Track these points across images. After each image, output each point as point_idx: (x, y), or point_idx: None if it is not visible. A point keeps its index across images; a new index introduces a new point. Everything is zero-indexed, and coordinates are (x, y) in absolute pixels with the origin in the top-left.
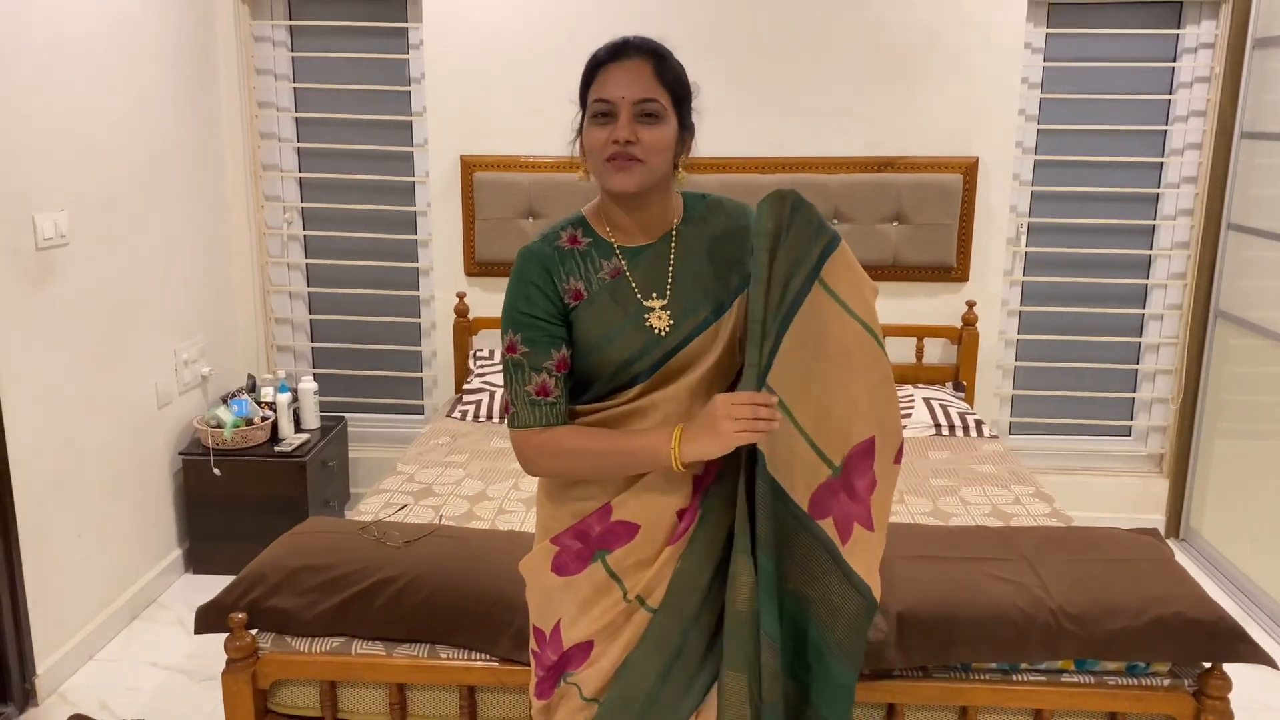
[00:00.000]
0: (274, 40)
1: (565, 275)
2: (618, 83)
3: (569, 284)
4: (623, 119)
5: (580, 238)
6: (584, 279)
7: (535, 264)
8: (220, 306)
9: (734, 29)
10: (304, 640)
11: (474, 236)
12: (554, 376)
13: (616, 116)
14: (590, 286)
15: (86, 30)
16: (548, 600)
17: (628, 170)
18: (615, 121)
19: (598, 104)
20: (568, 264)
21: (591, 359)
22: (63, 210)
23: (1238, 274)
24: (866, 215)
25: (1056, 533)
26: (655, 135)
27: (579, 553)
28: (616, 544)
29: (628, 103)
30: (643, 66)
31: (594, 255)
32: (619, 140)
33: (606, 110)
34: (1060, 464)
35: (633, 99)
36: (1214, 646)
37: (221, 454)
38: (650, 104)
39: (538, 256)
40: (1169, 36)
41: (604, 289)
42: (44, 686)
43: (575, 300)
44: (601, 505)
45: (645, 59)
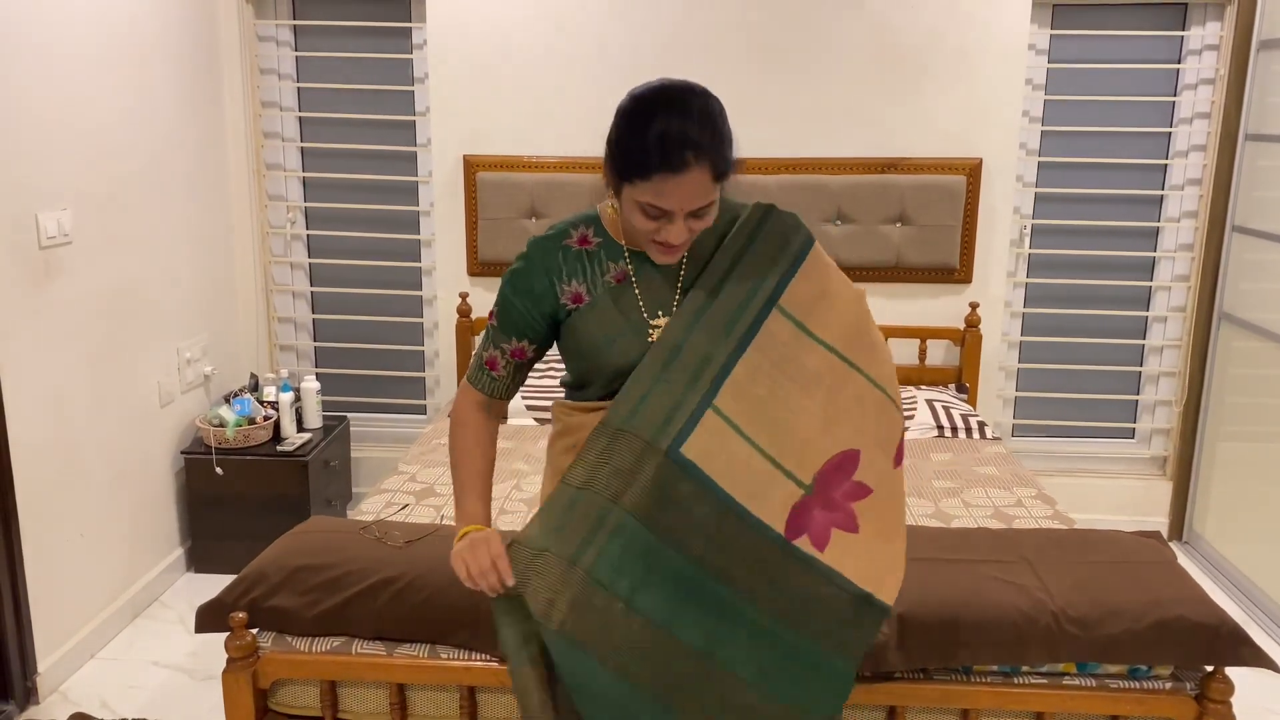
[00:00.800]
0: (278, 39)
1: (567, 278)
2: (677, 198)
3: (570, 287)
4: (678, 224)
5: (591, 237)
6: (587, 281)
7: (538, 268)
8: (223, 305)
9: (738, 30)
10: (304, 640)
11: (477, 236)
12: (505, 358)
13: (669, 217)
14: (594, 289)
15: (90, 29)
16: None
17: (673, 254)
18: (667, 220)
19: (650, 207)
20: (570, 265)
21: (590, 361)
22: (66, 208)
23: (1241, 276)
24: (870, 216)
25: (1059, 535)
26: (707, 221)
27: None
28: None
29: (685, 211)
30: (703, 176)
31: (601, 257)
32: (674, 245)
33: (659, 214)
34: (1063, 466)
35: (691, 209)
36: (1216, 650)
37: (224, 453)
38: (708, 207)
39: (542, 258)
40: (1173, 38)
41: (607, 293)
42: (45, 685)
43: (575, 303)
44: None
45: (704, 166)
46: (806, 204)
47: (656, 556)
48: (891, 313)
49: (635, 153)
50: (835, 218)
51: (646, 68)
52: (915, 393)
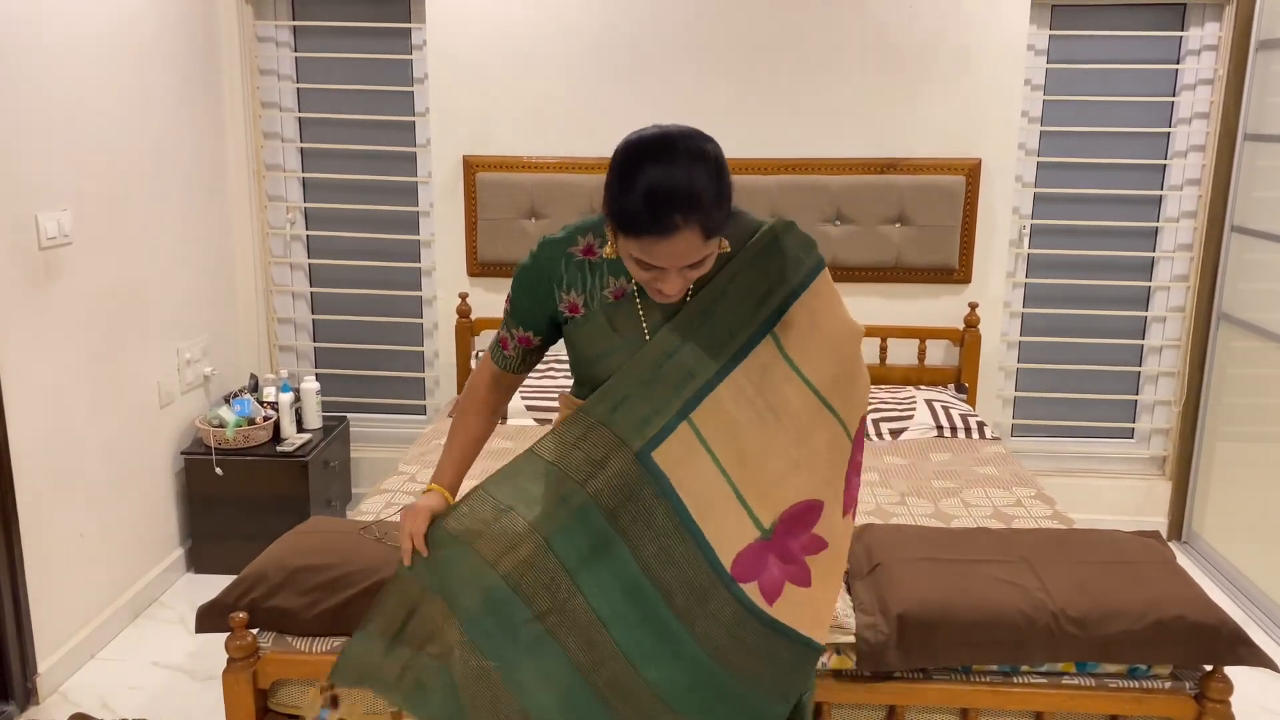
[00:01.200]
0: (277, 40)
1: (567, 287)
2: (667, 257)
3: (568, 296)
4: (673, 279)
5: (597, 248)
6: (585, 294)
7: (542, 272)
8: (223, 306)
9: (738, 31)
10: (305, 640)
11: (476, 237)
12: (514, 342)
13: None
14: (590, 303)
15: (90, 30)
16: None
17: (672, 298)
18: (660, 271)
19: (642, 261)
20: (571, 274)
21: (583, 369)
22: (66, 209)
23: (1240, 276)
24: (869, 217)
25: (1058, 535)
26: (704, 270)
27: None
28: None
29: (676, 268)
30: (693, 237)
31: (603, 270)
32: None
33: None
34: (1062, 466)
35: (684, 265)
36: (1215, 649)
37: (223, 453)
38: (701, 262)
39: (549, 264)
40: (1172, 38)
41: (602, 310)
42: (45, 685)
43: (571, 313)
44: None
45: (694, 228)
46: (806, 204)
47: (610, 550)
48: (891, 313)
49: (624, 211)
50: (835, 218)
51: (646, 68)
52: (914, 393)
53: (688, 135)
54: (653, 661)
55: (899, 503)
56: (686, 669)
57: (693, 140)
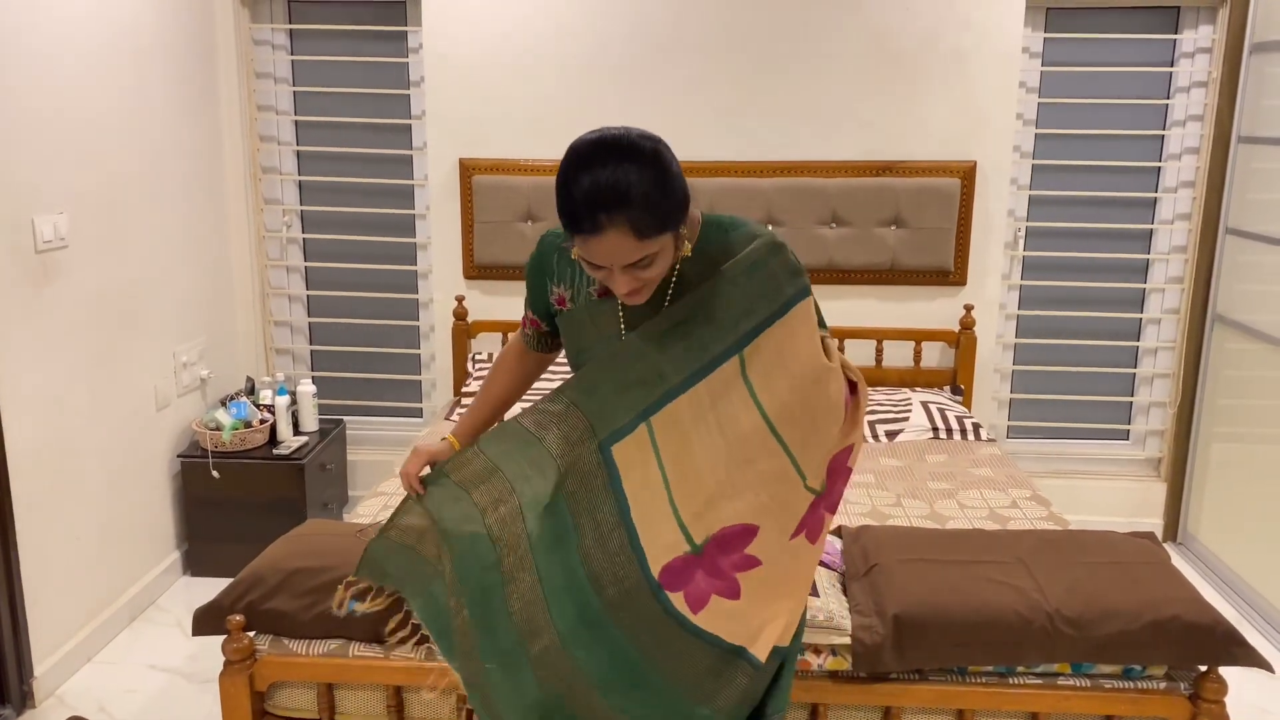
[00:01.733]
0: (274, 44)
1: (558, 280)
2: (603, 254)
3: (558, 289)
4: (619, 277)
5: None
6: (571, 289)
7: (540, 265)
8: (219, 309)
9: (733, 34)
10: (301, 642)
11: (473, 240)
12: (529, 323)
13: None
14: (575, 299)
15: (86, 33)
16: None
17: (635, 298)
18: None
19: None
20: (562, 269)
21: (574, 360)
22: (62, 212)
23: (1235, 278)
24: (865, 219)
25: (1053, 536)
26: (655, 271)
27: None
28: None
29: (619, 266)
30: (622, 236)
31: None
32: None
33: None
34: (1057, 467)
35: (622, 264)
36: (1210, 650)
37: (220, 456)
38: (642, 260)
39: (545, 256)
40: (1166, 41)
41: (586, 307)
42: (42, 689)
43: (559, 306)
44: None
45: (623, 227)
46: (802, 207)
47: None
48: (887, 315)
49: (562, 212)
50: (831, 221)
51: (642, 71)
52: (910, 395)
53: (623, 136)
54: (580, 643)
55: (895, 504)
56: (609, 655)
57: (628, 140)
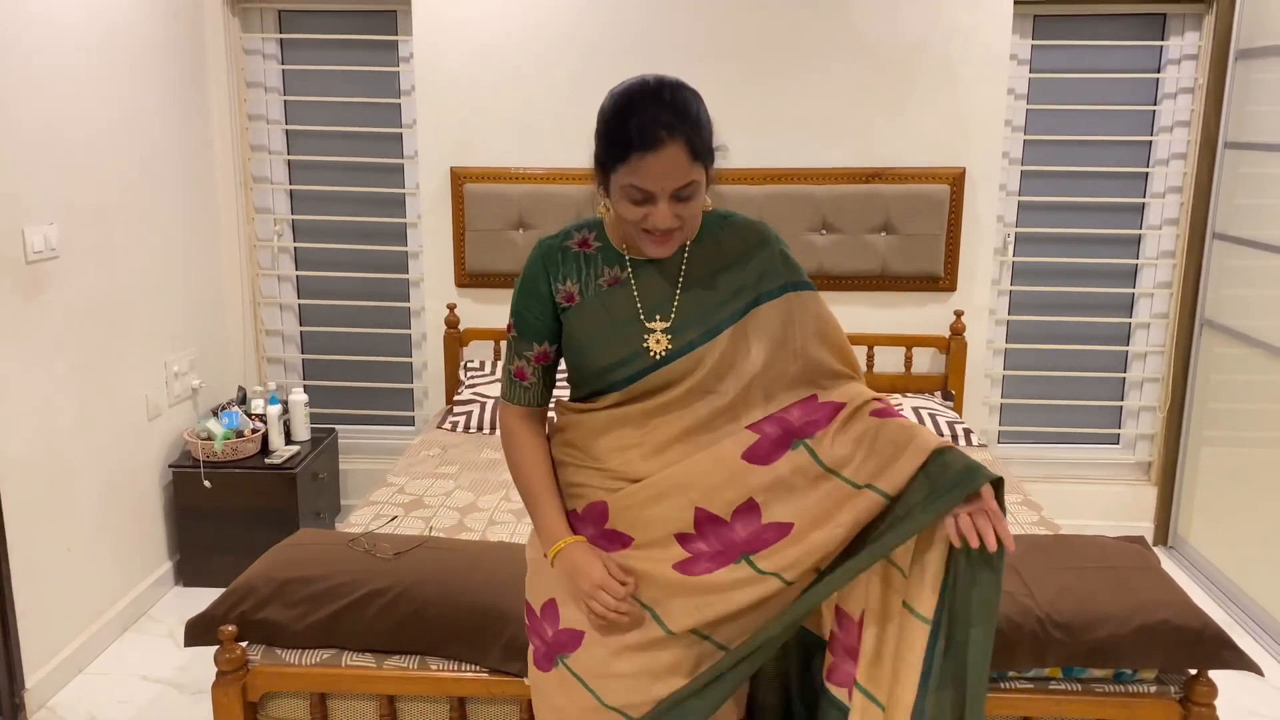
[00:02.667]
0: (264, 53)
1: (563, 277)
2: (655, 175)
3: (564, 286)
4: (662, 207)
5: (592, 241)
6: (580, 282)
7: (538, 265)
8: (211, 319)
9: (723, 41)
10: (294, 652)
11: (464, 248)
12: (531, 365)
13: (654, 200)
14: (584, 291)
15: (76, 42)
16: (539, 575)
17: (667, 244)
18: (652, 204)
19: (633, 189)
20: (567, 265)
21: (578, 359)
22: (53, 223)
23: (1223, 283)
24: (855, 226)
25: (1044, 541)
26: (693, 208)
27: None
28: (609, 548)
29: (667, 192)
30: (678, 153)
31: (599, 261)
32: (661, 229)
33: (644, 197)
34: (1048, 472)
35: (672, 188)
36: (1200, 653)
37: (212, 466)
38: (688, 186)
39: (543, 258)
40: (1153, 48)
41: (597, 295)
42: (33, 700)
43: (567, 303)
44: (597, 501)
45: (679, 144)
46: (792, 214)
47: None
48: (877, 321)
49: (614, 137)
50: (821, 227)
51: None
52: (901, 400)
53: (664, 77)
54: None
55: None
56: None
57: (670, 79)
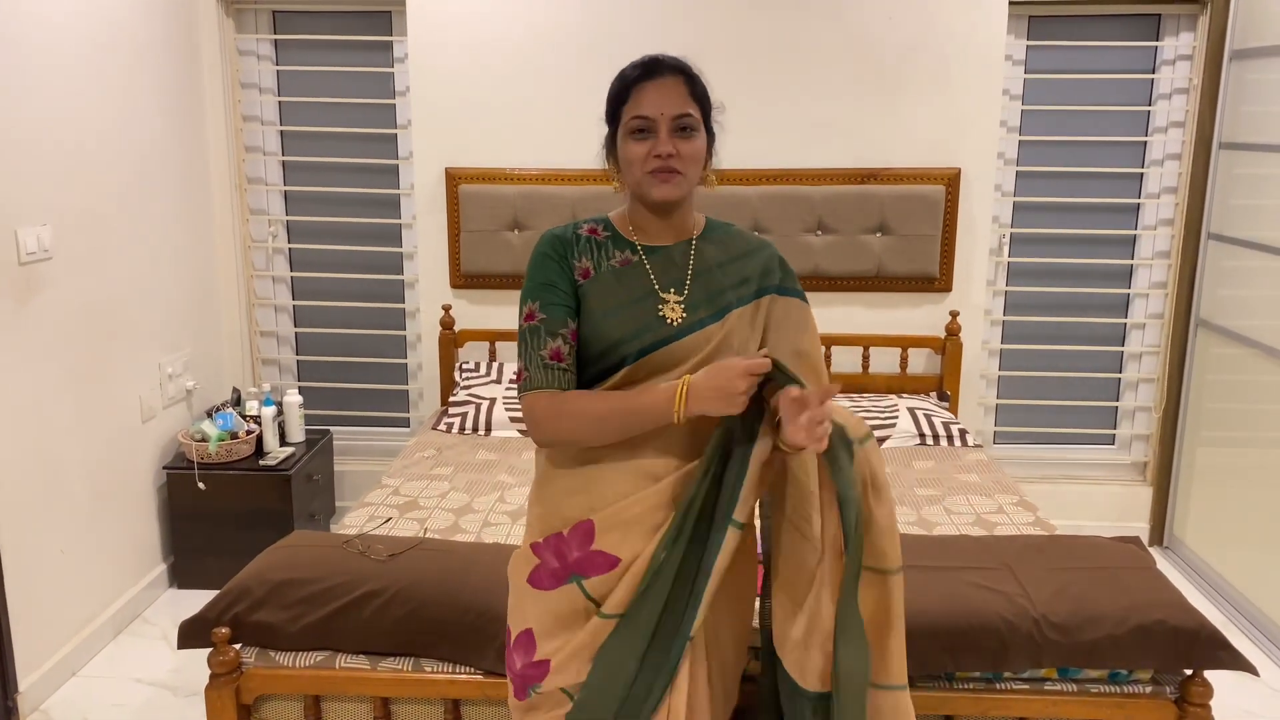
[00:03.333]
0: (259, 54)
1: (579, 255)
2: (655, 100)
3: (580, 263)
4: (663, 134)
5: (600, 231)
6: (594, 261)
7: (554, 242)
8: (205, 320)
9: (719, 43)
10: (288, 654)
11: (459, 249)
12: (567, 344)
13: (655, 132)
14: (599, 268)
15: (70, 44)
16: (521, 605)
17: (671, 182)
18: (654, 137)
19: (636, 120)
20: (582, 246)
21: (593, 331)
22: (46, 224)
23: (1218, 283)
24: (850, 226)
25: (1040, 541)
26: (692, 146)
27: (555, 572)
28: (594, 572)
29: (666, 118)
30: (676, 83)
31: (609, 246)
32: (661, 154)
33: (645, 126)
34: (1044, 472)
35: (671, 115)
36: (1196, 653)
37: (206, 468)
38: (686, 118)
39: (556, 238)
40: (1148, 48)
41: (610, 271)
42: (26, 703)
43: (583, 278)
44: (584, 520)
45: (678, 76)
46: (788, 215)
47: None
48: (873, 322)
49: (617, 83)
50: (816, 228)
51: None
52: (897, 401)
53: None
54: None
55: None
56: None
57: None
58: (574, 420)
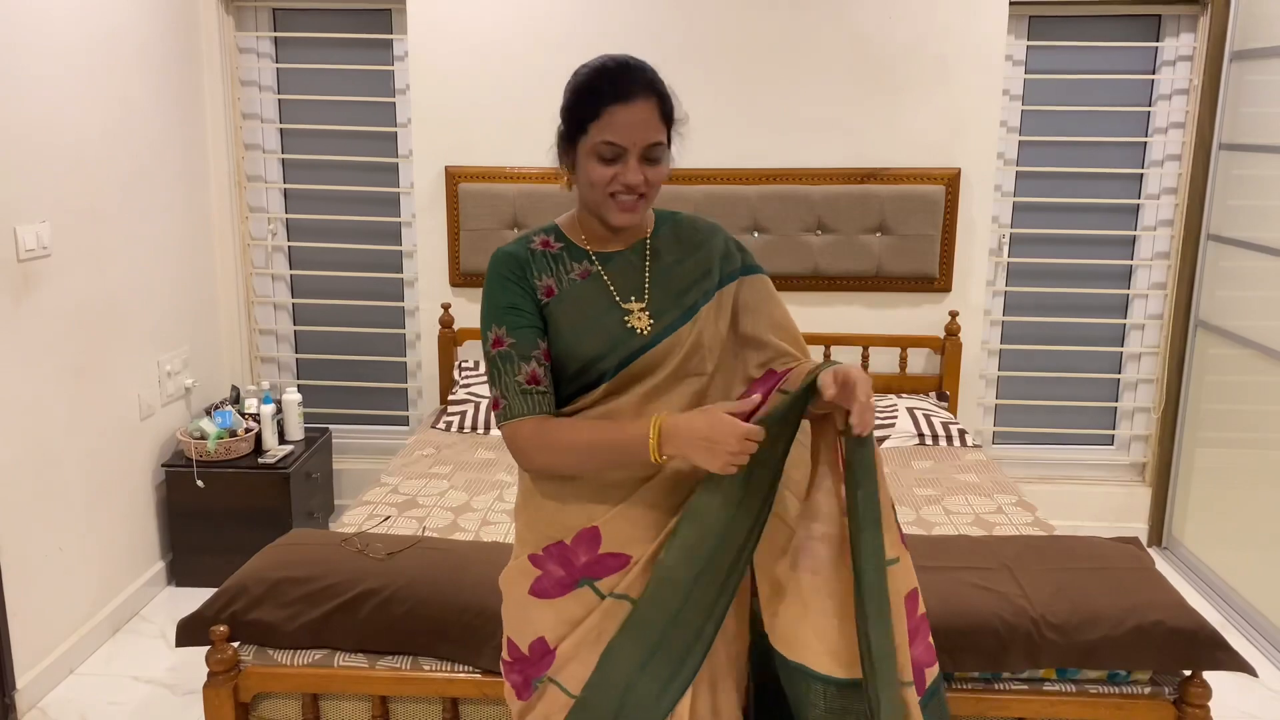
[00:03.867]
0: (258, 52)
1: (538, 273)
2: (628, 127)
3: (541, 281)
4: (632, 164)
5: (553, 242)
6: (555, 277)
7: (509, 262)
8: (204, 318)
9: (718, 42)
10: (286, 653)
11: (459, 247)
12: (542, 365)
13: (624, 159)
14: (561, 284)
15: (70, 41)
16: (526, 617)
17: (635, 210)
18: (622, 163)
19: (606, 146)
20: (539, 262)
21: (566, 351)
22: (45, 221)
23: (1217, 284)
24: (850, 226)
25: (1038, 542)
26: (658, 172)
27: (561, 580)
28: (606, 573)
29: (638, 147)
30: (650, 108)
31: (565, 258)
32: (631, 185)
33: (615, 154)
34: (1043, 473)
35: (642, 144)
36: (1194, 654)
37: (205, 466)
38: (657, 146)
39: (511, 256)
40: (1148, 49)
41: (574, 287)
42: (24, 701)
43: (547, 297)
44: (588, 527)
45: (650, 99)
46: (787, 214)
47: None
48: (872, 322)
49: (585, 94)
50: (816, 228)
51: None
52: (896, 401)
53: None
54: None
55: None
56: None
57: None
58: (561, 454)
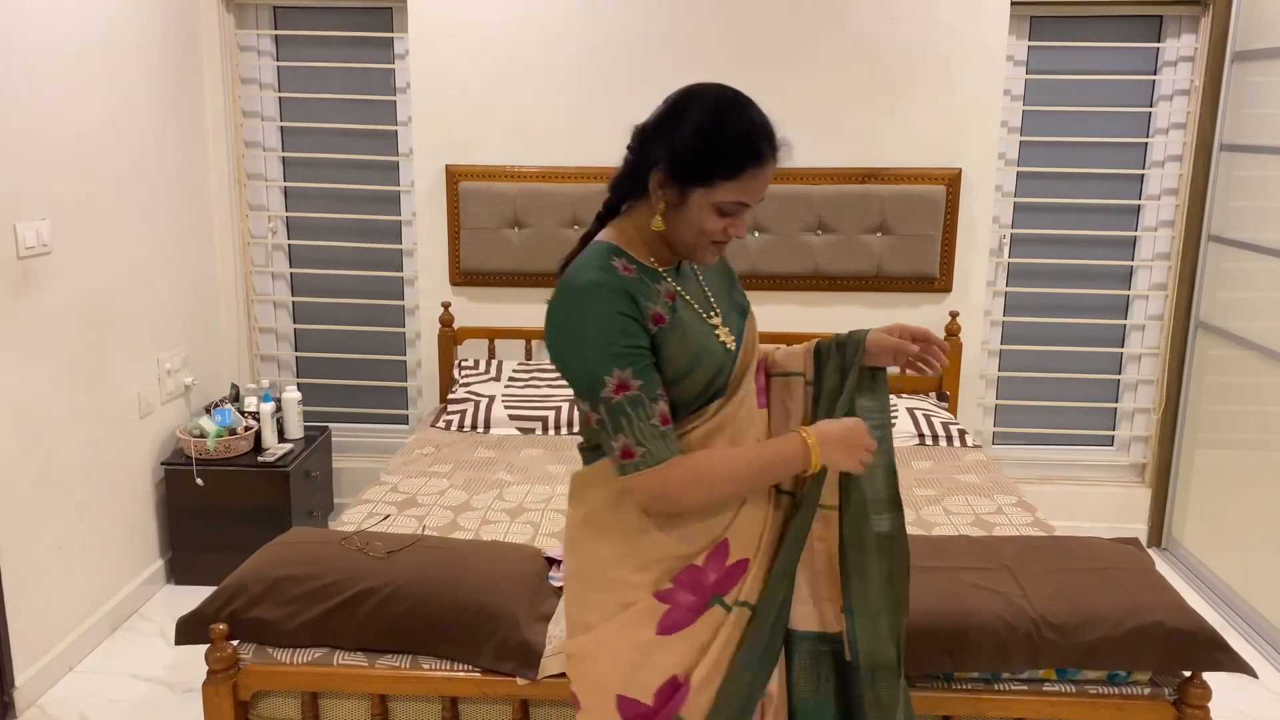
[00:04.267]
0: (259, 49)
1: (646, 302)
2: (758, 189)
3: (651, 309)
4: (744, 217)
5: (634, 269)
6: (659, 304)
7: (618, 296)
8: (204, 316)
9: (719, 41)
10: (285, 651)
11: (459, 246)
12: (665, 402)
13: (741, 213)
14: (667, 311)
15: (70, 38)
16: (649, 664)
17: (724, 249)
18: (738, 216)
19: (735, 205)
20: (637, 288)
21: (686, 374)
22: (45, 218)
23: (1218, 285)
24: (850, 226)
25: (1038, 542)
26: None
27: (693, 606)
28: (731, 584)
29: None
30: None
31: (647, 281)
32: (740, 237)
33: (736, 210)
34: (1043, 473)
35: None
36: (1194, 655)
37: (204, 464)
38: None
39: (620, 289)
40: (1149, 50)
41: (673, 311)
42: (23, 698)
43: (657, 325)
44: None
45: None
46: (788, 214)
47: None
48: (872, 321)
49: (725, 152)
50: (816, 228)
51: (628, 78)
52: (896, 401)
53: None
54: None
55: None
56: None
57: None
58: (719, 487)
